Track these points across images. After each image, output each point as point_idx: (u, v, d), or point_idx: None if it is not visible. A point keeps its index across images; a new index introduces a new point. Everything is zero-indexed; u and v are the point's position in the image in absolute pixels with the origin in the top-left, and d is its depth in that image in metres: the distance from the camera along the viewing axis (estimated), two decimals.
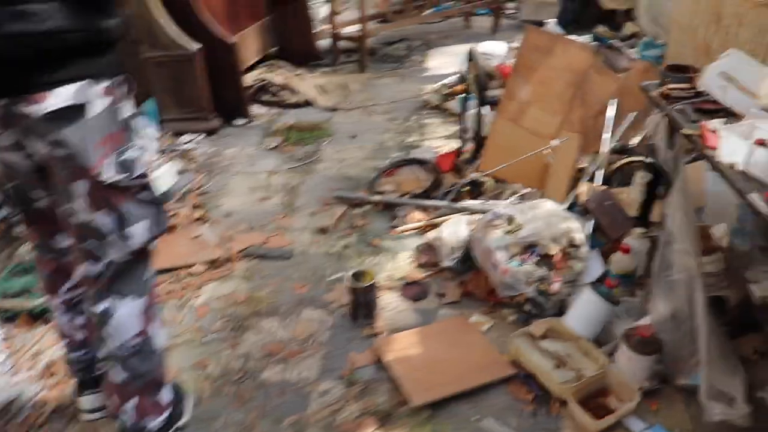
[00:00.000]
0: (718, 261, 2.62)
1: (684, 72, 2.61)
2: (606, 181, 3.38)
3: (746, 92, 2.36)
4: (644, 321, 2.72)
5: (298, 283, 3.32)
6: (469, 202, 3.64)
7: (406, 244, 3.60)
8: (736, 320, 2.76)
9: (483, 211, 3.46)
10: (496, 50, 5.78)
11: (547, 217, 2.99)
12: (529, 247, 2.97)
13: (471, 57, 4.02)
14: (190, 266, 3.44)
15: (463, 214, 3.58)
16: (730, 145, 1.99)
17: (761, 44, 3.62)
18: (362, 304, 3.00)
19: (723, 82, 2.33)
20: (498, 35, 7.24)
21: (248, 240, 3.67)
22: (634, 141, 3.62)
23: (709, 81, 2.39)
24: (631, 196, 3.25)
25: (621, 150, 3.46)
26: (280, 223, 3.87)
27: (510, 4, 8.25)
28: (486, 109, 3.86)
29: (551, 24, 6.25)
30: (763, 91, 2.25)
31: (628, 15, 6.72)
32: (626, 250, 2.92)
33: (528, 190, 3.71)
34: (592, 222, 3.16)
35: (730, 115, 2.34)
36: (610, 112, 3.55)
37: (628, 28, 6.58)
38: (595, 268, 3.04)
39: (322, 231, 3.75)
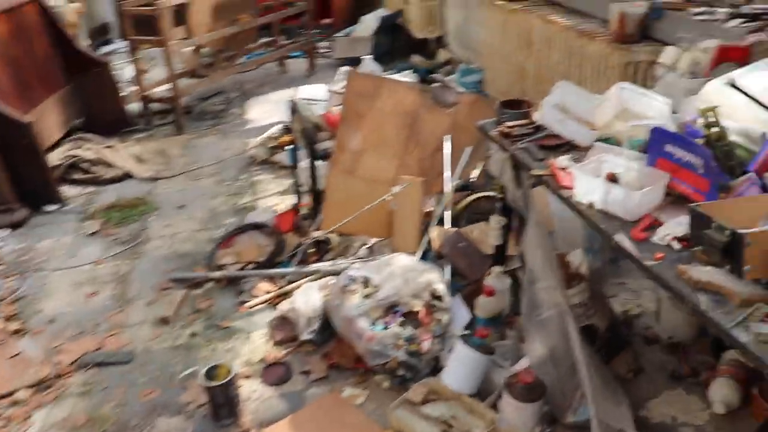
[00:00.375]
0: (583, 291, 2.57)
1: (518, 107, 2.56)
2: (455, 221, 3.28)
3: (583, 122, 2.32)
4: (522, 364, 2.62)
5: (146, 388, 2.93)
6: (317, 265, 3.41)
7: (259, 321, 3.31)
8: (606, 344, 2.73)
9: (334, 273, 3.25)
10: (317, 94, 5.64)
11: (403, 272, 2.82)
12: (390, 308, 2.79)
13: (293, 110, 3.82)
14: (11, 394, 2.93)
15: (313, 278, 3.35)
16: (585, 185, 1.91)
17: (571, 65, 3.71)
18: (222, 403, 2.67)
19: (560, 115, 2.27)
20: (315, 77, 7.11)
21: (80, 348, 3.21)
22: (474, 175, 3.56)
23: (546, 115, 2.33)
24: (484, 233, 3.17)
25: (463, 187, 3.39)
26: (115, 320, 3.43)
27: (323, 44, 8.18)
28: (319, 163, 3.66)
29: (367, 60, 6.20)
30: (599, 121, 2.21)
31: (440, 42, 6.85)
32: (490, 293, 2.82)
33: (376, 240, 3.55)
34: (449, 267, 3.04)
35: (573, 148, 2.29)
36: (446, 149, 3.48)
37: (442, 55, 6.70)
38: (461, 315, 2.92)
39: (164, 321, 3.37)
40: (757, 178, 1.74)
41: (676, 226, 1.74)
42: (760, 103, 1.98)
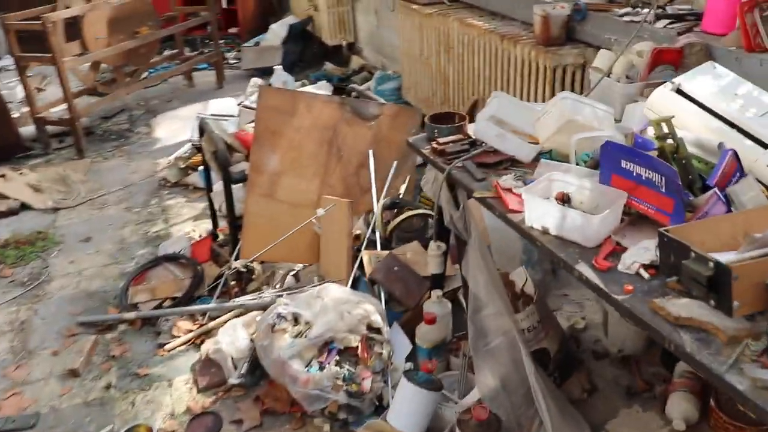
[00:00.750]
0: (532, 314, 2.41)
1: (449, 121, 2.37)
2: (386, 242, 3.08)
3: (521, 135, 2.15)
4: (473, 396, 2.44)
5: None
6: (241, 299, 3.14)
7: (181, 365, 3.02)
8: (559, 366, 2.58)
9: (260, 307, 2.99)
10: (228, 108, 5.36)
11: (336, 305, 2.59)
12: (325, 346, 2.55)
13: (202, 130, 3.52)
14: None
15: (237, 311, 3.08)
16: (537, 209, 1.73)
17: (495, 70, 3.57)
18: None
19: (497, 129, 2.10)
20: (225, 89, 6.79)
21: None
22: (402, 190, 3.36)
23: (482, 129, 2.15)
24: (418, 253, 2.98)
25: (392, 204, 3.18)
26: (14, 377, 3.06)
27: (231, 54, 7.85)
28: (235, 186, 3.38)
29: (278, 70, 5.93)
30: (541, 134, 2.05)
31: (352, 49, 6.65)
32: (431, 320, 2.62)
33: (302, 266, 3.31)
34: (384, 294, 2.83)
35: (514, 164, 2.12)
36: (371, 165, 3.28)
37: (355, 61, 6.51)
38: (401, 345, 2.72)
39: (73, 374, 3.02)
40: (721, 193, 1.61)
41: (641, 252, 1.58)
42: (710, 111, 1.86)
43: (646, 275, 1.55)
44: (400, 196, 3.29)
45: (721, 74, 1.97)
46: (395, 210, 3.20)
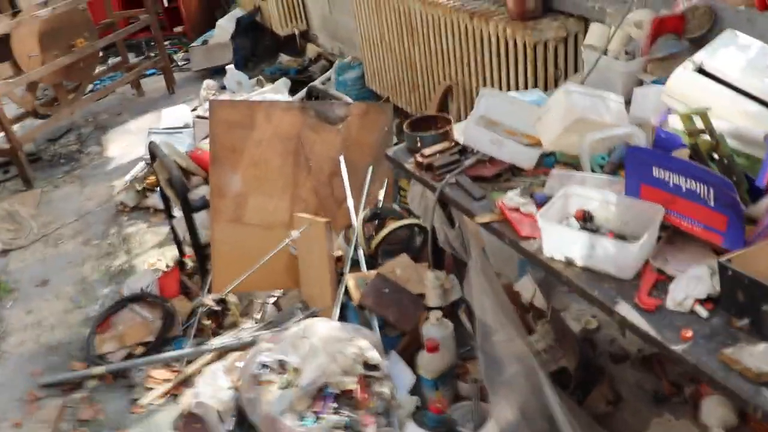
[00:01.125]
0: (547, 333, 2.13)
1: (431, 126, 2.05)
2: (371, 259, 2.77)
3: (518, 137, 1.85)
4: (489, 429, 2.17)
5: None
6: (219, 340, 2.83)
7: (162, 421, 2.75)
8: (579, 382, 2.32)
9: (240, 347, 2.69)
10: (182, 118, 4.98)
11: (326, 345, 2.29)
12: (319, 392, 2.25)
13: (153, 155, 3.17)
14: None
15: (216, 354, 2.77)
16: (557, 237, 1.43)
17: (468, 51, 3.26)
18: None
19: (490, 134, 1.79)
20: (177, 95, 6.38)
21: None
22: (381, 197, 3.05)
23: (474, 135, 1.85)
24: (409, 268, 2.68)
25: (373, 215, 2.87)
26: None
27: (179, 56, 7.41)
28: (199, 214, 3.05)
29: (230, 69, 5.55)
30: (545, 135, 1.74)
31: (307, 37, 6.28)
32: (433, 348, 2.33)
33: (281, 293, 3.00)
34: (376, 321, 2.54)
35: (516, 173, 1.81)
36: (343, 172, 2.97)
37: (311, 50, 6.14)
38: (403, 378, 2.43)
39: None
40: None
41: (693, 282, 1.30)
42: (743, 92, 1.57)
43: (704, 313, 1.27)
44: (381, 205, 2.97)
45: (745, 44, 1.68)
46: (377, 222, 2.89)
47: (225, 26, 6.67)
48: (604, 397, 2.39)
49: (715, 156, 1.43)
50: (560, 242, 1.43)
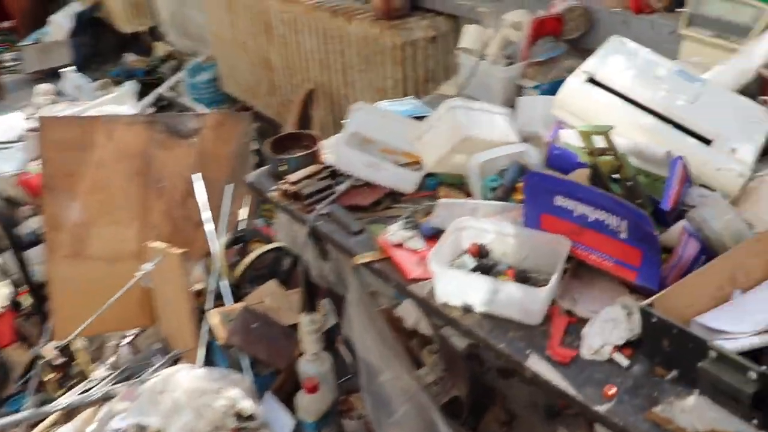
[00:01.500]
0: (435, 364, 1.95)
1: (295, 145, 1.80)
2: (236, 288, 2.49)
3: (396, 155, 1.65)
4: None
5: None
6: (65, 399, 2.44)
7: None
8: (471, 407, 2.17)
9: (90, 404, 2.33)
10: (13, 129, 4.39)
11: (190, 399, 1.99)
12: None
13: None
14: None
15: (63, 414, 2.39)
16: (452, 283, 1.23)
17: (331, 52, 3.03)
18: None
19: (365, 157, 1.58)
20: (7, 102, 5.70)
21: None
22: (243, 217, 2.76)
23: (346, 158, 1.62)
24: (278, 296, 2.42)
25: (236, 240, 2.59)
26: None
27: (8, 55, 6.66)
28: (33, 250, 2.63)
29: (68, 72, 5.00)
30: (428, 156, 1.54)
31: (155, 35, 5.80)
32: (313, 388, 2.09)
33: (136, 332, 2.66)
34: (247, 359, 2.27)
35: (396, 197, 1.61)
36: (198, 191, 2.66)
37: (160, 49, 5.68)
38: (282, 423, 2.17)
39: None
40: (689, 224, 1.20)
41: (609, 326, 1.14)
42: (635, 103, 1.44)
43: (624, 362, 1.11)
44: (244, 226, 2.69)
45: (632, 51, 1.55)
46: (241, 244, 2.61)
47: (60, 22, 6.03)
48: (497, 420, 2.27)
49: (618, 178, 1.29)
50: (456, 288, 1.23)
